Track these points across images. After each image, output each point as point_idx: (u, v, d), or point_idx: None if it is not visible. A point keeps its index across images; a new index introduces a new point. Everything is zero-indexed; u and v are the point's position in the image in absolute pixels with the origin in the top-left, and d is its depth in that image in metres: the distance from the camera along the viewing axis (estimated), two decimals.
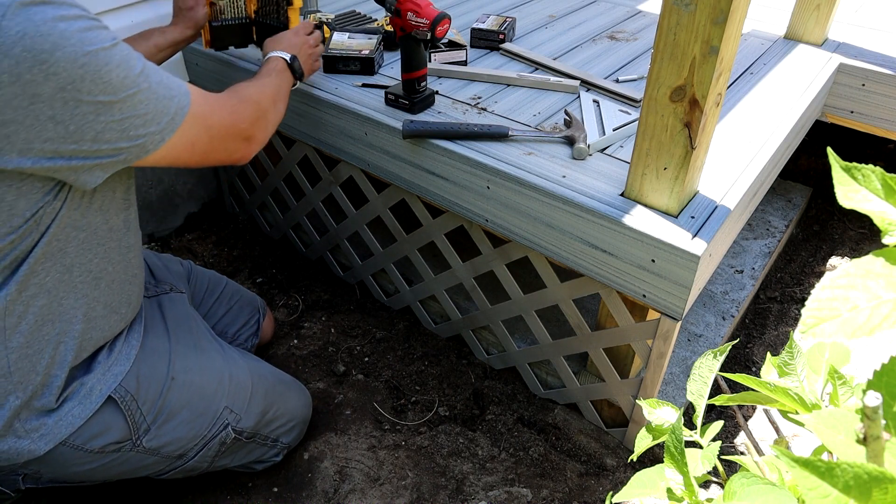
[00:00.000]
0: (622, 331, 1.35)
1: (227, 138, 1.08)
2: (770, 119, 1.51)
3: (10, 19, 0.77)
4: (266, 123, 1.19)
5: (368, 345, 1.75)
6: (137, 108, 0.89)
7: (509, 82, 1.63)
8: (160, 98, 0.93)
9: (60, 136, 0.84)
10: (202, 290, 1.52)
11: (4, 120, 0.80)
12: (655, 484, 0.75)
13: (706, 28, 0.96)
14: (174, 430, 1.16)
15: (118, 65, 0.86)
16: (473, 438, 1.51)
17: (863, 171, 0.50)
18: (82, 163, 0.88)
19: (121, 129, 0.89)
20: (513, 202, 1.31)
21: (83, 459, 1.09)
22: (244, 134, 1.12)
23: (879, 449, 0.43)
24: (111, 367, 1.10)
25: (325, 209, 1.81)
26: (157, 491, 1.39)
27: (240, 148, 1.12)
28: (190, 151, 1.01)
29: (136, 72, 0.89)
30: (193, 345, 1.25)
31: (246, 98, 1.15)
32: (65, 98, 0.82)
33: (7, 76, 0.78)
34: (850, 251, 2.13)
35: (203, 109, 1.01)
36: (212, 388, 1.22)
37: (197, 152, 1.02)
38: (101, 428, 1.08)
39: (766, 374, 0.80)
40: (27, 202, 0.89)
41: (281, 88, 1.28)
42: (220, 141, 1.06)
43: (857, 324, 0.45)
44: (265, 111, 1.19)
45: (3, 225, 0.89)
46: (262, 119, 1.17)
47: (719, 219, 1.18)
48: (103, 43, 0.85)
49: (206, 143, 1.03)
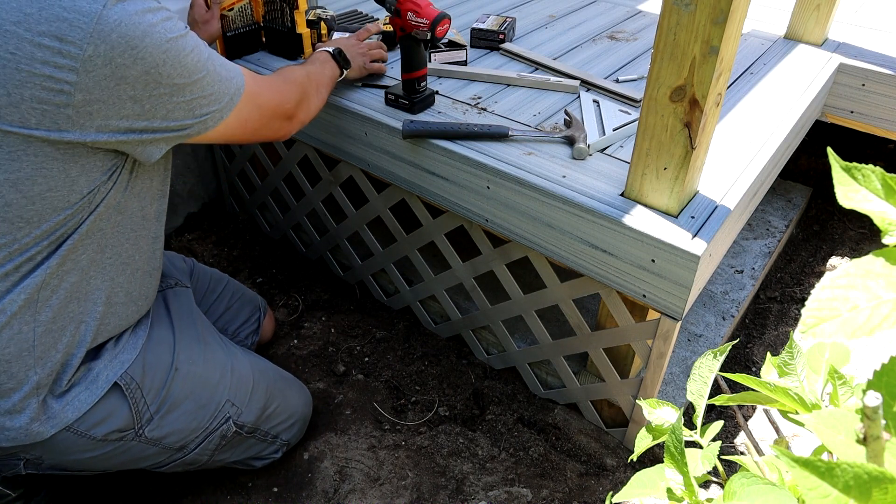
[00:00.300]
0: (622, 331, 1.35)
1: (274, 117, 1.17)
2: (770, 119, 1.51)
3: (110, 9, 0.86)
4: (309, 105, 1.28)
5: (368, 345, 1.75)
6: (205, 90, 0.98)
7: (509, 82, 1.63)
8: (223, 80, 1.02)
9: (136, 114, 0.93)
10: (204, 288, 1.53)
11: (92, 99, 0.88)
12: (655, 484, 0.74)
13: (706, 28, 0.96)
14: (176, 421, 1.17)
15: (192, 50, 0.95)
16: (473, 438, 1.51)
17: (863, 171, 0.49)
18: (151, 136, 0.97)
19: (189, 108, 0.98)
20: (513, 202, 1.31)
21: (86, 447, 1.09)
22: (289, 113, 1.21)
23: (879, 449, 0.43)
24: (118, 354, 1.12)
25: (325, 209, 1.81)
26: (157, 491, 1.39)
27: (283, 126, 1.21)
28: (243, 128, 1.10)
29: (206, 56, 0.98)
30: (197, 337, 1.26)
31: (291, 80, 1.24)
32: (147, 80, 0.91)
33: (102, 59, 0.86)
34: (850, 251, 2.13)
35: (255, 90, 1.10)
36: (214, 381, 1.23)
37: (249, 129, 1.12)
38: (104, 414, 1.09)
39: (766, 374, 0.80)
40: (87, 180, 0.96)
41: (324, 75, 1.36)
42: (268, 119, 1.16)
43: (857, 324, 0.45)
44: (308, 94, 1.27)
45: (62, 200, 0.95)
46: (305, 101, 1.25)
47: (719, 219, 1.18)
48: (180, 31, 0.94)
49: (257, 120, 1.12)
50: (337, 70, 1.42)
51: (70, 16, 0.84)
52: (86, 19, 0.84)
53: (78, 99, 0.87)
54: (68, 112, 0.88)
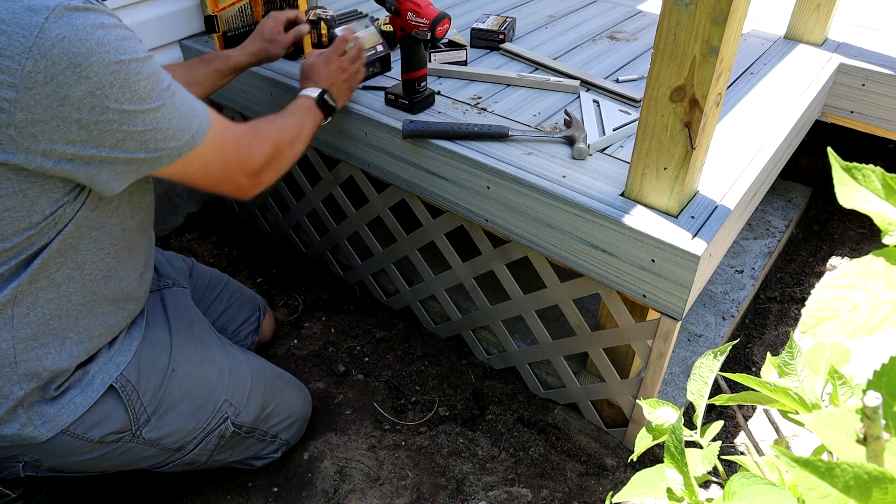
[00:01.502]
0: (622, 331, 1.35)
1: (239, 171, 1.09)
2: (770, 119, 1.51)
3: (53, 22, 0.80)
4: (280, 163, 1.18)
5: (368, 345, 1.75)
6: (160, 122, 0.91)
7: (509, 82, 1.63)
8: (183, 115, 0.95)
9: (83, 140, 0.86)
10: (203, 287, 1.53)
11: (34, 119, 0.82)
12: (655, 484, 0.74)
13: (706, 28, 0.96)
14: (174, 422, 1.17)
15: (147, 76, 0.88)
16: (473, 438, 1.51)
17: (863, 171, 0.49)
18: (100, 168, 0.90)
19: (141, 140, 0.90)
20: (513, 202, 1.31)
21: (83, 449, 1.09)
22: (256, 170, 1.12)
23: (879, 449, 0.43)
24: (113, 356, 1.11)
25: (325, 209, 1.81)
26: (157, 491, 1.39)
27: (246, 183, 1.12)
28: (203, 174, 1.02)
29: (164, 86, 0.91)
30: (194, 338, 1.26)
31: (264, 135, 1.14)
32: (93, 103, 0.84)
33: (42, 76, 0.80)
34: (850, 251, 2.13)
35: (222, 136, 1.03)
36: (212, 381, 1.23)
37: (209, 177, 1.04)
38: (101, 417, 1.08)
39: (766, 374, 0.80)
40: (48, 200, 0.91)
41: (304, 128, 1.26)
42: (232, 171, 1.08)
43: (857, 324, 0.45)
44: (281, 151, 1.18)
45: (22, 220, 0.90)
46: (276, 159, 1.16)
47: (719, 219, 1.18)
48: (136, 54, 0.87)
49: (220, 169, 1.05)
50: (320, 116, 1.32)
51: (8, 28, 0.79)
52: (24, 32, 0.79)
53: (19, 118, 0.81)
54: (10, 133, 0.82)
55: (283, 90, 1.62)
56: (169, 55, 1.81)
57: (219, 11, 1.58)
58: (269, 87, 1.66)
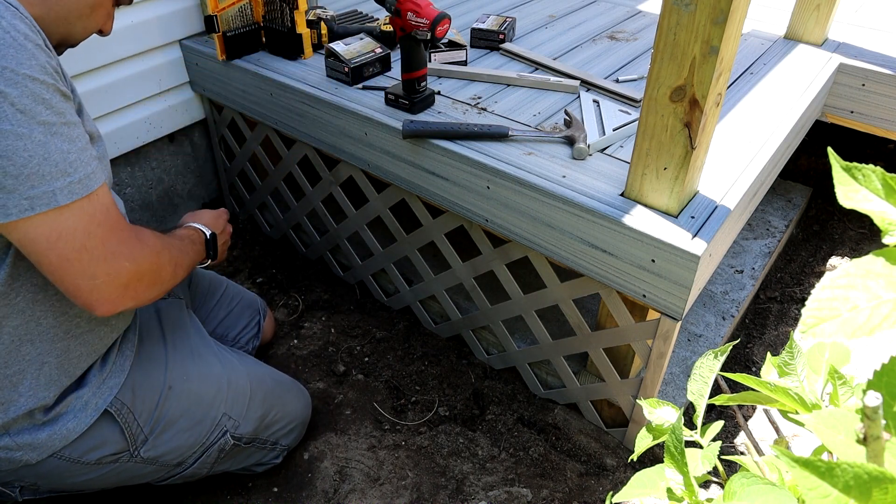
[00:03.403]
0: (622, 331, 1.35)
1: (104, 260, 0.87)
2: (770, 119, 1.51)
3: None
4: (155, 280, 0.96)
5: (368, 345, 1.75)
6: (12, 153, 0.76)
7: (509, 82, 1.63)
8: (52, 161, 0.79)
9: None
10: (202, 293, 1.51)
11: None
12: (655, 484, 0.74)
13: (706, 28, 0.96)
14: (172, 440, 1.15)
15: (26, 95, 0.76)
16: (473, 438, 1.51)
17: (863, 171, 0.49)
18: None
19: None
20: (513, 202, 1.31)
21: (80, 471, 1.08)
22: (127, 275, 0.90)
23: (879, 449, 0.43)
24: (105, 379, 1.08)
25: (325, 209, 1.80)
26: (157, 492, 1.39)
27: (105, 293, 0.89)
28: (49, 247, 0.82)
29: (41, 118, 0.77)
30: (190, 351, 1.23)
31: (148, 243, 0.95)
32: None
33: None
34: (850, 251, 2.13)
35: (98, 215, 0.85)
36: (210, 396, 1.21)
37: (55, 253, 0.83)
38: (97, 441, 1.07)
39: (766, 374, 0.80)
40: None
41: (188, 256, 1.10)
42: (98, 260, 0.86)
43: (857, 324, 0.45)
44: (160, 269, 0.97)
45: None
46: (153, 274, 0.96)
47: (719, 219, 1.18)
48: (33, 72, 0.76)
49: (74, 251, 0.84)
50: (203, 256, 1.18)
51: None
52: None
53: None
54: None
55: (283, 90, 1.63)
56: (169, 55, 1.81)
57: (219, 11, 1.59)
58: (269, 87, 1.66)
